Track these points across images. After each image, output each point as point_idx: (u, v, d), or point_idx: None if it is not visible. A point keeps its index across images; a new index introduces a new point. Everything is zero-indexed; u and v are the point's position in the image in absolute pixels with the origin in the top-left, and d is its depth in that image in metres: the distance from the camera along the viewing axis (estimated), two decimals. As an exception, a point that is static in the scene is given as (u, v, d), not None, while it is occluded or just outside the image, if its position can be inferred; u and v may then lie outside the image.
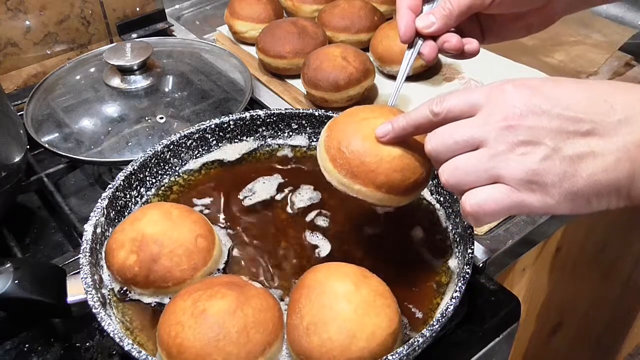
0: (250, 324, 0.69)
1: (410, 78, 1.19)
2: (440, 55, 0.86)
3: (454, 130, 0.64)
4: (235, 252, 0.86)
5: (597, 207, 0.61)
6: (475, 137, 0.63)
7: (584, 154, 0.59)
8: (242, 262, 0.85)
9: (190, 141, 0.97)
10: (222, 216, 0.91)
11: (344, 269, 0.74)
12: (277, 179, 0.97)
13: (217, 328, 0.68)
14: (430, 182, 0.90)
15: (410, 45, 0.82)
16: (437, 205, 0.90)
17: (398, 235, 0.88)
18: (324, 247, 0.86)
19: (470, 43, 0.82)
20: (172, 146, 0.95)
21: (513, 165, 0.60)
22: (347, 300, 0.68)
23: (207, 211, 0.92)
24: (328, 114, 0.98)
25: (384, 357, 0.65)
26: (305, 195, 0.94)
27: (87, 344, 0.83)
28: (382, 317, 0.68)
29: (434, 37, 0.81)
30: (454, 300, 0.71)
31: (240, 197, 0.94)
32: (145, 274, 0.77)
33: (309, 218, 0.90)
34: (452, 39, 0.80)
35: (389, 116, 0.74)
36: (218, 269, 0.82)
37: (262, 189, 0.95)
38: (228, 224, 0.90)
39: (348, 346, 0.66)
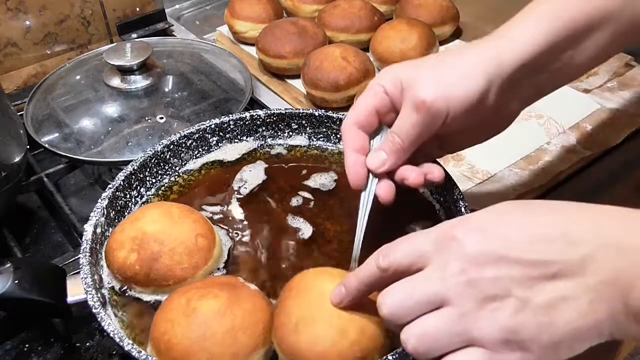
0: (238, 325, 0.68)
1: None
2: None
3: (412, 289, 0.59)
4: (236, 252, 0.86)
5: (581, 350, 0.56)
6: (437, 294, 0.57)
7: (556, 299, 0.54)
8: (242, 261, 0.85)
9: (190, 141, 0.97)
10: (222, 215, 0.91)
11: (332, 270, 0.74)
12: (260, 164, 0.98)
13: (204, 327, 0.68)
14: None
15: (365, 186, 0.76)
16: (437, 206, 0.90)
17: (397, 235, 0.88)
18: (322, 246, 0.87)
19: (432, 172, 0.77)
20: (172, 146, 0.95)
21: (486, 325, 0.55)
22: None
23: (211, 209, 0.92)
24: (328, 114, 0.98)
25: (384, 357, 0.65)
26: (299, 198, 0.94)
27: (87, 344, 0.83)
28: (371, 313, 0.68)
29: (389, 172, 0.76)
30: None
31: (235, 187, 0.95)
32: (146, 273, 0.77)
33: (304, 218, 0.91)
34: (410, 175, 0.76)
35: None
36: (218, 268, 0.82)
37: (251, 176, 0.96)
38: (228, 222, 0.90)
39: (339, 341, 0.66)
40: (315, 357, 0.66)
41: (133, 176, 0.91)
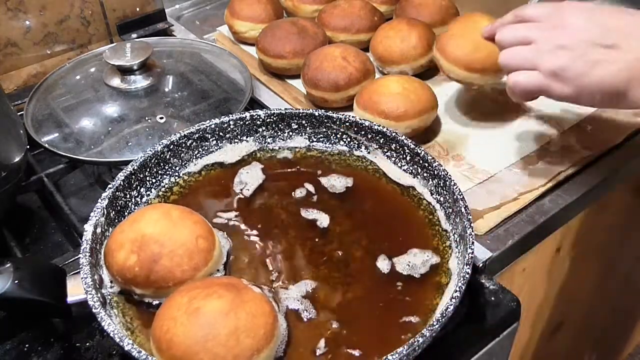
0: (242, 327, 0.68)
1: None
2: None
3: (517, 29, 0.91)
4: (241, 253, 0.86)
5: (600, 104, 0.86)
6: (529, 36, 0.88)
7: (601, 61, 0.82)
8: (242, 263, 0.85)
9: (190, 141, 0.97)
10: (234, 219, 0.91)
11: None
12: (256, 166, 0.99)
13: (208, 328, 0.68)
14: (430, 182, 0.91)
15: None
16: (437, 206, 0.90)
17: (397, 234, 0.88)
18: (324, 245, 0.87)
19: None
20: (172, 146, 0.95)
21: (548, 60, 0.85)
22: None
23: (226, 215, 0.92)
24: (328, 114, 0.99)
25: (384, 357, 0.65)
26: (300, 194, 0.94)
27: (87, 344, 0.83)
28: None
29: None
30: (454, 300, 0.71)
31: (237, 190, 0.95)
32: (145, 274, 0.77)
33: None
34: None
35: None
36: (218, 270, 0.82)
37: (250, 178, 0.97)
38: (238, 225, 0.90)
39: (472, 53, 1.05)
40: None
41: (133, 176, 0.91)
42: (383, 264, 0.84)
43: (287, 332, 0.76)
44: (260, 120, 1.00)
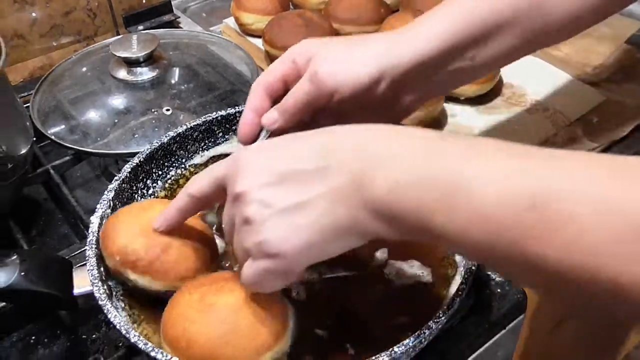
0: (259, 317, 0.68)
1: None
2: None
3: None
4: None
5: (336, 250, 0.62)
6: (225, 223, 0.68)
7: (299, 203, 0.60)
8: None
9: (196, 133, 0.97)
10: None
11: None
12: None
13: (227, 322, 0.68)
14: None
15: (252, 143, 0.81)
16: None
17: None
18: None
19: None
20: (178, 138, 0.95)
21: (244, 241, 0.63)
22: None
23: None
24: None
25: (391, 349, 0.65)
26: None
27: (94, 336, 0.84)
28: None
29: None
30: (460, 293, 0.71)
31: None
32: (150, 261, 0.75)
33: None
34: None
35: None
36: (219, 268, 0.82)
37: None
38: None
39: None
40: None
41: (139, 168, 0.91)
42: (384, 256, 0.84)
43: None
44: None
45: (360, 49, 0.78)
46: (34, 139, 1.01)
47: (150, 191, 0.93)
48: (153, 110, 1.11)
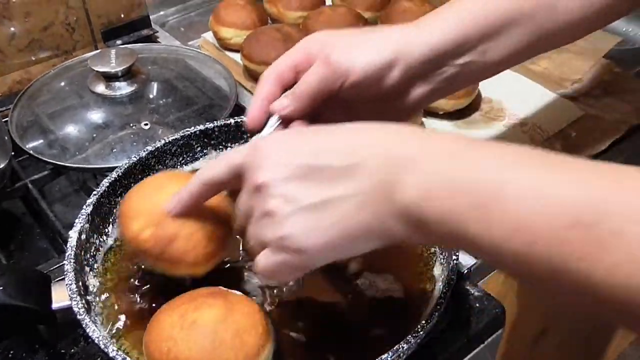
0: (242, 328, 0.69)
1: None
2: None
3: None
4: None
5: (357, 250, 0.62)
6: (243, 214, 0.67)
7: (325, 201, 0.60)
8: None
9: (175, 148, 0.97)
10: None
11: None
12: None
13: (211, 336, 0.68)
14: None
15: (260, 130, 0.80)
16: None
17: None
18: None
19: None
20: (156, 153, 0.95)
21: (265, 233, 0.63)
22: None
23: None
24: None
25: (379, 357, 0.66)
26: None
27: (72, 351, 0.83)
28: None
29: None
30: (438, 307, 0.71)
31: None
32: (159, 251, 0.74)
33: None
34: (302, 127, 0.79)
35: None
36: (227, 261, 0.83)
37: None
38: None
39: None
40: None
41: (118, 183, 0.91)
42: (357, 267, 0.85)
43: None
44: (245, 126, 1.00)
45: (375, 35, 0.78)
46: (12, 153, 1.01)
47: (129, 205, 0.93)
48: (131, 124, 1.11)
